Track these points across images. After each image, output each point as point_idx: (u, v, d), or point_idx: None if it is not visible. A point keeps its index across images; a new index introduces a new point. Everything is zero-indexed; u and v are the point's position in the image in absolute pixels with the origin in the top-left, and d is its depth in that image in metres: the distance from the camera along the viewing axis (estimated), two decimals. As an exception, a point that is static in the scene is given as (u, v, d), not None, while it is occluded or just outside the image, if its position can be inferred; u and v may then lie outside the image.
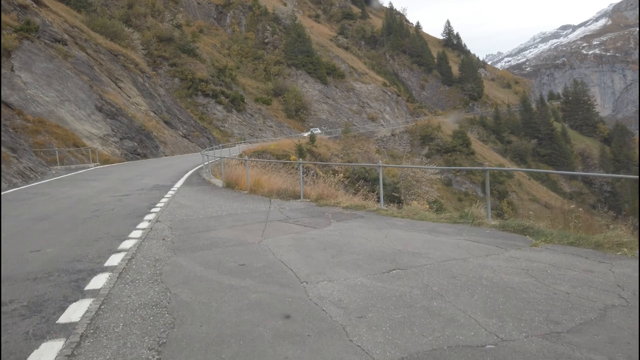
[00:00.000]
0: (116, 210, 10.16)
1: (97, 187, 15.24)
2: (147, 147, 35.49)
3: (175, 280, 4.80)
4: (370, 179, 35.00)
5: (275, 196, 11.44)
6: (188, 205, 10.51)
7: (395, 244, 6.07)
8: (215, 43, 78.94)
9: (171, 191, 13.69)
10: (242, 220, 8.37)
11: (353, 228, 7.32)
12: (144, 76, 43.39)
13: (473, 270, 4.75)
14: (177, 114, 46.59)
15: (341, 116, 78.18)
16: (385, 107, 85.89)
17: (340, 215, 8.63)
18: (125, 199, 12.14)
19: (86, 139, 30.49)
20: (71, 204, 11.33)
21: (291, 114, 71.68)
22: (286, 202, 10.52)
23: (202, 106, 60.30)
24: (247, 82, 73.14)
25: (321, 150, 40.54)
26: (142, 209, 10.26)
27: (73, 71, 31.69)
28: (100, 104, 32.40)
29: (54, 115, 29.47)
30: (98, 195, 13.01)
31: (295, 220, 8.21)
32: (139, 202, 11.46)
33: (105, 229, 7.93)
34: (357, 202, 9.91)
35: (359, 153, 44.25)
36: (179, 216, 9.06)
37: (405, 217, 8.29)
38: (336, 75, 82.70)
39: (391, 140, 73.27)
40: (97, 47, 39.09)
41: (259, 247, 6.22)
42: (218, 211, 9.51)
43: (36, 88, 29.28)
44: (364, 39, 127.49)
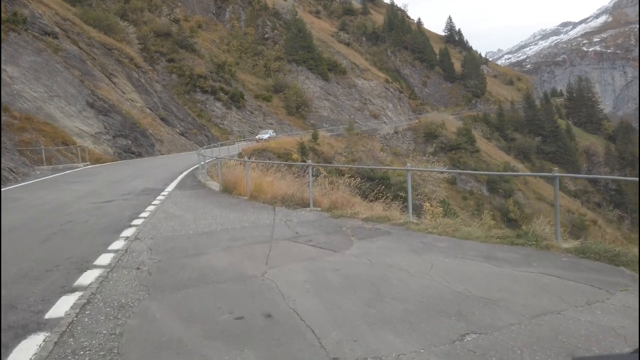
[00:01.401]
0: (91, 222, 8.53)
1: (79, 191, 13.60)
2: (142, 146, 33.85)
3: (139, 352, 3.17)
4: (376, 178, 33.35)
5: (279, 204, 9.82)
6: (177, 216, 8.88)
7: (449, 280, 4.44)
8: (214, 38, 77.18)
9: (161, 196, 12.06)
10: (241, 238, 6.73)
11: (383, 251, 5.69)
12: (140, 71, 41.70)
13: (590, 336, 3.13)
14: (174, 110, 44.93)
15: (343, 113, 76.50)
16: (387, 104, 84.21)
17: (361, 231, 7.00)
18: (106, 206, 10.51)
19: (77, 136, 28.83)
20: (42, 214, 9.70)
21: (292, 111, 70.01)
22: (293, 212, 8.89)
23: (200, 103, 58.61)
24: (246, 78, 71.42)
25: (324, 149, 38.91)
26: (123, 220, 8.63)
27: (63, 65, 30.01)
28: (92, 100, 30.73)
29: (42, 112, 27.80)
30: (77, 202, 11.37)
31: (307, 238, 6.58)
32: (121, 210, 9.83)
33: (68, 250, 6.29)
34: (378, 212, 8.28)
35: (362, 151, 42.64)
36: (164, 231, 7.43)
37: (443, 233, 6.66)
38: (338, 71, 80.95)
39: (394, 138, 71.63)
40: (90, 40, 37.40)
41: (262, 284, 4.59)
42: (212, 224, 7.88)
43: (23, 83, 27.60)
44: (365, 35, 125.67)
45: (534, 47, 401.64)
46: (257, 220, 8.10)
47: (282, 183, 11.60)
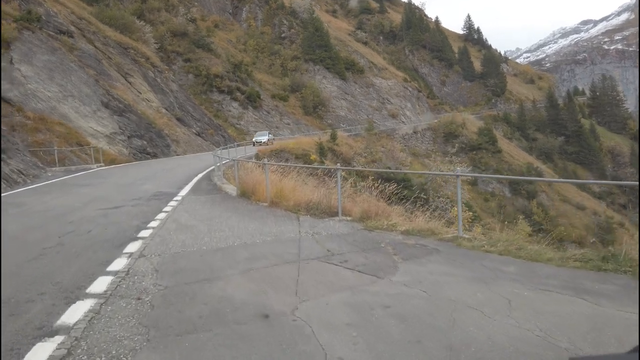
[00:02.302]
0: (94, 233, 7.59)
1: (87, 195, 12.75)
2: (158, 146, 33.17)
3: None
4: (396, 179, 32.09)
5: (304, 212, 8.77)
6: (189, 226, 7.89)
7: (542, 327, 3.33)
8: (230, 38, 76.61)
9: (173, 201, 11.12)
10: (263, 256, 5.70)
11: (439, 278, 4.60)
12: (156, 71, 41.12)
13: None
14: (191, 110, 44.28)
15: (361, 113, 75.28)
16: (406, 104, 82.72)
17: (404, 248, 5.92)
18: (113, 213, 9.59)
19: (91, 137, 28.23)
20: (42, 222, 8.81)
21: (309, 111, 69.02)
22: (320, 222, 7.82)
23: (217, 103, 57.99)
24: (263, 77, 70.64)
25: (343, 149, 37.83)
26: (129, 231, 7.67)
27: (77, 64, 29.45)
28: (107, 100, 30.12)
29: (56, 112, 27.25)
30: (82, 208, 10.49)
31: (341, 257, 5.52)
32: (129, 219, 8.88)
33: (60, 271, 5.32)
34: (419, 224, 7.17)
35: (382, 152, 41.43)
36: (174, 246, 6.43)
37: (504, 252, 5.54)
38: (355, 70, 79.73)
39: (413, 138, 70.15)
40: (106, 39, 36.90)
41: (294, 326, 3.54)
42: (229, 237, 6.86)
43: (37, 82, 27.08)
44: (383, 34, 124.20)
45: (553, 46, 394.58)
46: (280, 233, 7.05)
47: (305, 188, 10.56)
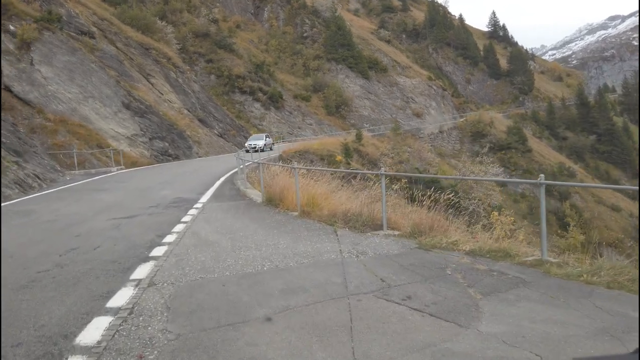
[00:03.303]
0: (100, 251, 6.54)
1: (102, 202, 11.81)
2: (179, 148, 32.45)
3: None
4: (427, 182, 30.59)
5: (341, 223, 7.56)
6: (210, 242, 6.78)
7: None
8: (252, 38, 75.99)
9: (193, 209, 10.06)
10: (301, 287, 4.52)
11: (548, 330, 3.33)
12: (177, 71, 40.50)
13: None
14: (213, 111, 43.57)
15: (384, 112, 73.75)
16: (430, 102, 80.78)
17: (477, 277, 4.66)
18: (126, 224, 8.56)
19: (112, 139, 27.60)
20: (45, 236, 7.82)
21: (331, 111, 67.83)
22: (363, 238, 6.61)
23: (239, 104, 57.30)
24: (285, 78, 69.76)
25: (369, 150, 36.51)
26: (140, 247, 6.60)
27: (98, 65, 28.87)
28: (128, 101, 29.48)
29: (76, 114, 26.69)
30: (94, 218, 9.51)
31: (401, 291, 4.29)
32: (143, 231, 7.83)
33: (46, 311, 4.23)
34: (487, 242, 5.90)
35: (409, 152, 39.94)
36: (192, 270, 5.31)
37: (614, 285, 4.24)
38: (378, 69, 78.22)
39: (439, 138, 68.29)
40: (128, 40, 36.40)
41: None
42: (256, 259, 5.70)
43: (57, 83, 26.57)
44: (405, 32, 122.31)
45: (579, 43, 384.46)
46: (317, 253, 5.86)
47: (340, 195, 9.36)
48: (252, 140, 36.14)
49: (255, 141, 35.03)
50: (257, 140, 35.23)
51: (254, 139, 36.00)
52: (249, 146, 33.70)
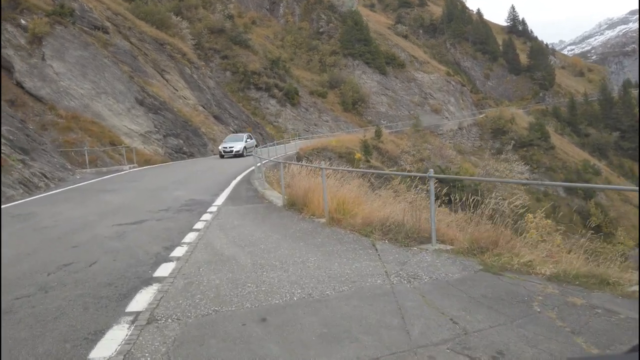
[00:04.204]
0: (95, 268, 5.50)
1: (109, 205, 10.85)
2: (194, 145, 31.57)
3: None
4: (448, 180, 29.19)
5: (378, 234, 6.43)
6: (226, 258, 5.71)
7: None
8: (268, 34, 74.99)
9: (207, 214, 9.03)
10: (346, 333, 3.40)
11: None
12: (192, 67, 39.65)
13: None
14: (228, 108, 42.68)
15: (402, 108, 72.22)
16: (449, 98, 78.97)
17: (576, 315, 3.51)
18: (131, 232, 7.55)
19: (125, 136, 26.81)
20: (38, 246, 6.83)
21: (348, 107, 66.52)
22: (410, 254, 5.47)
23: (254, 100, 56.35)
24: (301, 74, 68.63)
25: (388, 147, 35.26)
26: (144, 264, 5.56)
27: (111, 60, 28.08)
28: (142, 97, 28.66)
29: (89, 110, 25.94)
30: (97, 223, 8.53)
31: (488, 344, 3.14)
32: (149, 241, 6.80)
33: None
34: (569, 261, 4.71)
35: (429, 149, 38.56)
36: (203, 299, 4.24)
37: None
38: (396, 65, 76.63)
39: (458, 134, 66.55)
40: (142, 35, 35.61)
41: None
42: (283, 283, 4.61)
43: (69, 79, 25.84)
44: (422, 28, 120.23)
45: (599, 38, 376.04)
46: (358, 275, 4.74)
47: (373, 200, 8.23)
48: (228, 141, 28.58)
49: (232, 143, 27.76)
50: (235, 143, 27.89)
51: (231, 140, 28.69)
52: (223, 150, 27.08)
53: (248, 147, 28.19)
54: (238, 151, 26.84)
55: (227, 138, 30.12)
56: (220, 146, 28.20)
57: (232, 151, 26.72)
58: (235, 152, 26.73)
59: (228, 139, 29.30)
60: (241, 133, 32.02)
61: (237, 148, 27.13)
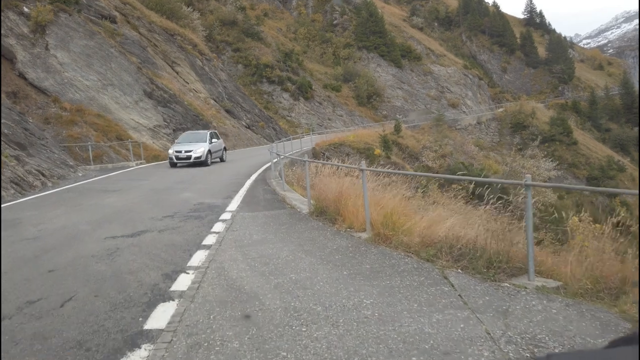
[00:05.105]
0: (66, 312, 3.99)
1: (107, 209, 9.39)
2: (205, 140, 30.10)
3: None
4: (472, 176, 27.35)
5: (445, 258, 4.84)
6: (246, 295, 4.17)
7: None
8: (280, 27, 73.34)
9: (219, 222, 7.52)
10: None
11: None
12: (203, 59, 38.20)
13: None
14: (240, 101, 41.19)
15: (418, 103, 70.26)
16: (466, 92, 76.75)
17: None
18: (126, 249, 6.05)
19: (133, 130, 25.45)
20: (5, 269, 5.35)
21: (363, 102, 64.77)
22: (505, 295, 3.87)
23: (267, 94, 54.87)
24: (314, 67, 66.97)
25: (409, 142, 33.53)
26: (134, 305, 4.05)
27: (118, 50, 26.68)
28: (150, 89, 27.25)
29: (95, 103, 24.59)
30: (89, 235, 7.05)
31: None
32: (146, 264, 5.29)
33: None
34: None
35: (451, 145, 36.70)
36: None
37: None
38: (412, 57, 74.57)
39: (476, 129, 64.43)
40: (151, 25, 34.19)
41: None
42: (332, 347, 3.05)
43: (74, 70, 24.50)
44: (437, 20, 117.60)
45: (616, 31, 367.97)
46: (447, 340, 3.13)
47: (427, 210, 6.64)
48: (183, 142, 19.92)
49: (189, 145, 19.27)
50: (193, 144, 19.33)
51: (187, 141, 19.87)
52: (175, 155, 18.95)
53: (214, 150, 20.34)
54: (199, 157, 18.73)
55: (182, 137, 21.11)
56: (171, 149, 19.73)
57: (190, 157, 18.67)
58: (194, 159, 18.67)
59: (183, 139, 20.54)
60: (203, 130, 23.44)
61: (198, 152, 18.83)
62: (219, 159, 21.30)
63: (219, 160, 21.15)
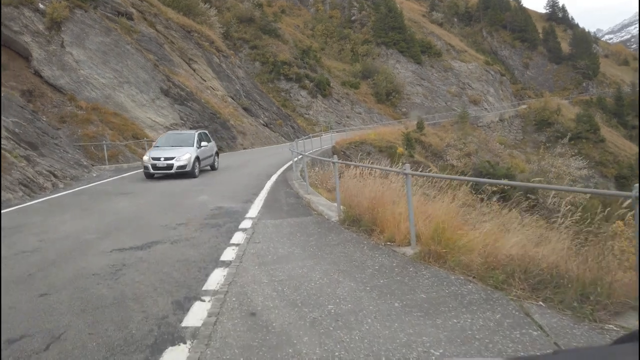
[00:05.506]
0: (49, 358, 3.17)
1: (116, 215, 8.64)
2: (223, 139, 29.45)
3: None
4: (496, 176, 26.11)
5: (520, 286, 3.90)
6: (275, 336, 3.30)
7: None
8: (298, 23, 72.51)
9: (239, 232, 6.68)
10: None
11: None
12: (221, 55, 37.54)
13: None
14: (258, 99, 40.46)
15: (438, 99, 68.78)
16: (488, 89, 74.94)
17: None
18: (132, 266, 5.23)
19: (149, 129, 24.87)
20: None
21: (382, 99, 63.58)
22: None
23: (284, 92, 54.11)
24: (332, 64, 66.00)
25: (432, 140, 32.40)
26: (135, 350, 3.21)
27: (134, 47, 26.12)
28: (167, 87, 26.65)
29: (111, 101, 24.07)
30: (91, 247, 6.27)
31: None
32: (153, 289, 4.46)
33: None
34: None
35: (475, 143, 35.38)
36: None
37: None
38: (432, 53, 73.01)
39: (499, 126, 62.71)
40: (168, 22, 33.63)
41: None
42: None
43: (90, 67, 24.00)
44: (457, 16, 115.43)
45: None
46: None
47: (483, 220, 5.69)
48: (163, 147, 15.17)
49: (170, 151, 14.68)
50: (177, 150, 14.70)
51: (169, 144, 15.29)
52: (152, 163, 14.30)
53: (203, 156, 15.61)
54: (183, 166, 14.21)
55: (163, 139, 16.21)
56: (146, 155, 14.91)
57: (172, 165, 14.08)
58: (177, 168, 14.12)
59: (163, 142, 15.70)
60: (189, 131, 18.67)
61: (182, 160, 14.26)
62: (209, 167, 16.60)
63: (209, 169, 16.61)
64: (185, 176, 14.42)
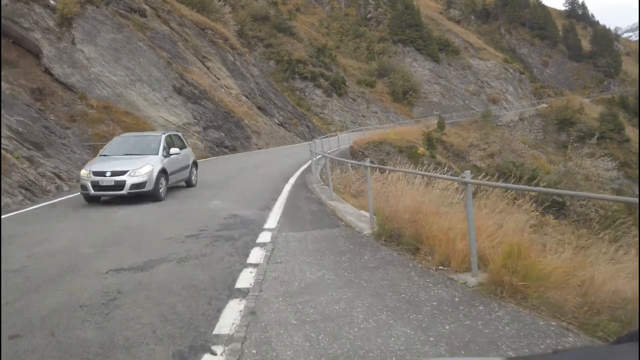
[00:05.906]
0: None
1: (119, 224, 7.74)
2: (237, 138, 28.62)
3: None
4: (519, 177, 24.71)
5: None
6: None
7: None
8: (312, 22, 71.57)
9: (257, 248, 5.71)
10: None
11: None
12: (235, 53, 36.72)
13: None
14: (273, 98, 39.58)
15: (456, 98, 67.26)
16: (507, 87, 73.19)
17: None
18: (128, 295, 4.27)
19: (162, 128, 24.02)
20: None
21: (398, 97, 62.32)
22: None
23: (299, 90, 53.21)
24: (348, 62, 64.89)
25: (453, 140, 31.20)
26: None
27: (146, 44, 25.37)
28: (180, 85, 25.86)
29: (122, 99, 23.34)
30: (85, 266, 5.34)
31: None
32: (151, 332, 3.49)
33: None
34: None
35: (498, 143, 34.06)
36: None
37: None
38: (449, 51, 71.47)
39: (519, 126, 61.01)
40: (182, 19, 32.88)
41: None
42: None
43: (101, 65, 23.29)
44: (474, 13, 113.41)
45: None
46: None
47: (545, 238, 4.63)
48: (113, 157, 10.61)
49: (123, 163, 10.13)
50: (131, 162, 10.14)
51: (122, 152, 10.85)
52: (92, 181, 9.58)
53: (173, 169, 11.11)
54: (139, 184, 9.80)
55: (112, 145, 11.56)
56: (85, 169, 10.11)
57: (123, 184, 9.69)
58: (131, 187, 9.72)
59: (112, 148, 11.28)
60: (153, 133, 13.72)
61: (138, 176, 9.84)
62: (184, 183, 12.06)
63: (184, 185, 12.11)
64: (146, 199, 9.90)
